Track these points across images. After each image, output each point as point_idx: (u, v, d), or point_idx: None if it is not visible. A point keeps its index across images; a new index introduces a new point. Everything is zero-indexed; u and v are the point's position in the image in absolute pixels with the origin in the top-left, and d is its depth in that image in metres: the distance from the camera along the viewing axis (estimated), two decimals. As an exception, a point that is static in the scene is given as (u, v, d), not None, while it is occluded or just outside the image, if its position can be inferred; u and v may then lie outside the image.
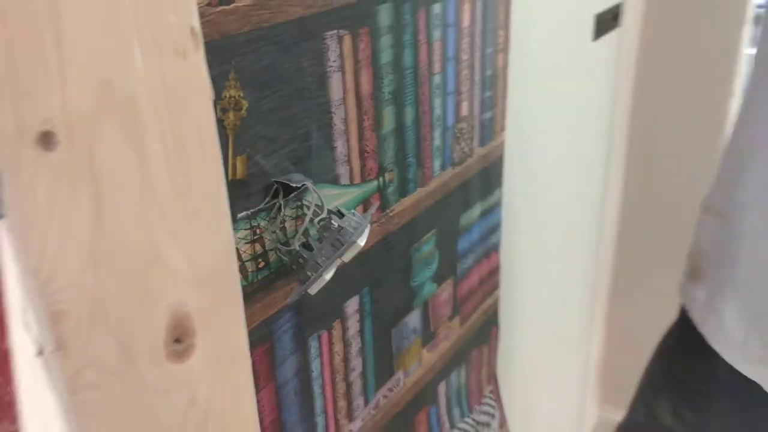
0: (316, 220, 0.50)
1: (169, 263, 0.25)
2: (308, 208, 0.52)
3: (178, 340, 0.27)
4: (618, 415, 1.08)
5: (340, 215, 0.50)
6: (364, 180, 0.58)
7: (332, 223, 0.49)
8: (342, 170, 0.56)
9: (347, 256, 0.49)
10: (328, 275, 0.50)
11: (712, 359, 0.75)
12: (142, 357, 0.25)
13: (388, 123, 0.60)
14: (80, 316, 0.23)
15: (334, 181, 0.55)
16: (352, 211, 0.53)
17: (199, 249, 0.27)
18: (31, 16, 0.19)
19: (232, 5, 0.41)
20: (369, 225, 0.50)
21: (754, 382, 0.70)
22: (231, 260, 0.28)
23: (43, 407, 0.22)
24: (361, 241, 0.48)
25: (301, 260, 0.50)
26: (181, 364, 0.27)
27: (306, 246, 0.51)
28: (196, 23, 0.24)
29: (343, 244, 0.48)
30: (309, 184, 0.52)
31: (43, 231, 0.21)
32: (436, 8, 0.62)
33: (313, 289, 0.50)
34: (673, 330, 0.85)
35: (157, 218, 0.25)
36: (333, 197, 0.55)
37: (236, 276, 0.29)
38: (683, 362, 0.84)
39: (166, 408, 0.27)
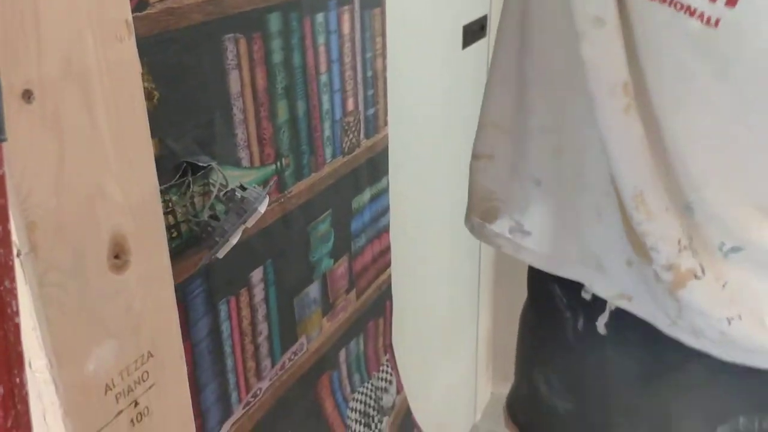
0: (222, 193, 0.59)
1: (110, 195, 0.34)
2: (214, 185, 0.61)
3: (117, 257, 0.35)
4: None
5: (243, 189, 0.59)
6: (263, 163, 0.68)
7: (236, 195, 0.58)
8: (243, 154, 0.65)
9: (250, 222, 0.58)
10: (234, 239, 0.59)
11: (559, 323, 0.86)
12: (91, 266, 0.34)
13: (283, 114, 0.69)
14: (46, 229, 0.31)
15: (236, 163, 0.64)
16: (253, 185, 0.62)
17: (132, 187, 0.36)
18: (18, 9, 0.28)
19: (144, 12, 0.50)
20: (267, 196, 0.60)
21: (602, 336, 0.81)
22: (156, 198, 0.37)
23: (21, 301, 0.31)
24: (262, 208, 0.58)
25: (210, 228, 0.59)
26: (119, 276, 0.36)
27: (213, 217, 0.60)
28: (129, 17, 0.33)
29: (246, 212, 0.57)
30: (214, 164, 0.61)
31: (23, 160, 0.29)
32: (319, 17, 0.73)
33: (221, 253, 0.59)
34: (526, 302, 0.98)
35: (101, 161, 0.34)
36: (236, 177, 0.64)
37: (160, 211, 0.38)
38: (539, 331, 0.95)
39: (108, 310, 0.35)
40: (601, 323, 0.78)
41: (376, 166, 0.91)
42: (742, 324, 0.64)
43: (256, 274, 0.70)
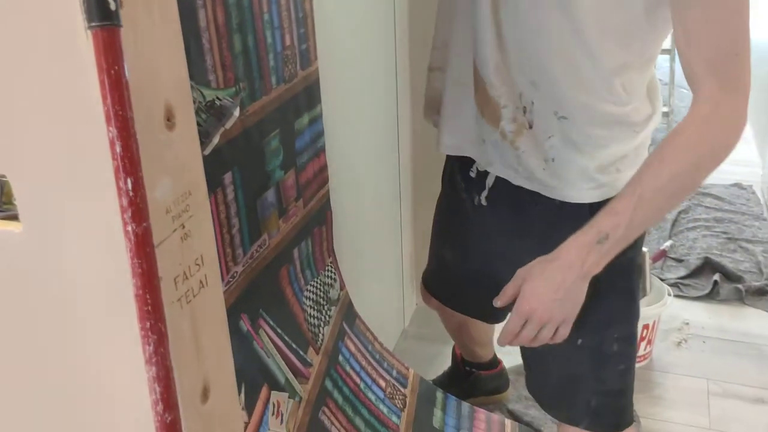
0: (203, 104, 0.75)
1: (163, 74, 0.51)
2: (194, 101, 0.77)
3: (168, 119, 0.52)
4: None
5: (219, 99, 0.75)
6: (226, 86, 0.84)
7: (215, 103, 0.74)
8: (212, 77, 0.81)
9: (228, 124, 0.74)
10: (216, 139, 0.75)
11: (460, 202, 1.11)
12: (155, 122, 0.50)
13: (238, 46, 0.85)
14: (134, 92, 0.48)
15: (208, 84, 0.80)
16: (226, 97, 0.79)
17: (174, 70, 0.52)
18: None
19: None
20: (238, 105, 0.76)
21: (484, 206, 1.07)
22: (186, 82, 0.54)
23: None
24: (236, 113, 0.74)
25: (196, 132, 0.75)
26: (171, 132, 0.52)
27: (197, 124, 0.76)
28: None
29: (224, 116, 0.74)
30: (193, 83, 0.77)
31: (124, 37, 0.46)
32: (261, -35, 0.89)
33: (207, 151, 0.75)
34: (439, 195, 1.22)
35: (157, 50, 0.50)
36: (208, 95, 0.80)
37: (190, 93, 0.55)
38: (447, 212, 1.20)
39: (165, 155, 0.52)
40: (482, 196, 1.05)
41: (310, 94, 1.08)
42: (555, 164, 0.92)
43: (227, 177, 0.87)
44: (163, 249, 0.53)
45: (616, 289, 0.92)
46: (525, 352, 1.10)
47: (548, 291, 0.88)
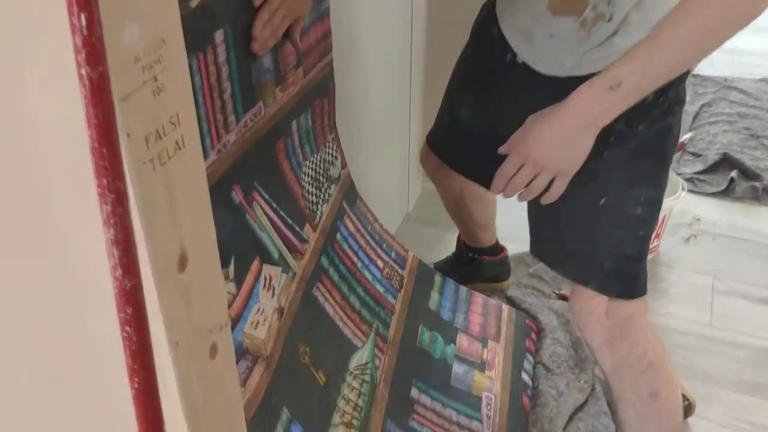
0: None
1: None
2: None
3: None
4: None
5: (206, -58, 0.67)
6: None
7: (201, -54, 0.66)
8: None
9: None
10: (203, -11, 0.68)
11: (491, 55, 1.02)
12: None
13: None
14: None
15: (195, -75, 0.71)
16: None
17: None
18: None
19: None
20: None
21: (519, 63, 0.98)
22: None
23: None
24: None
25: (179, -20, 0.67)
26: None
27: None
28: None
29: (211, -39, 0.66)
30: None
31: None
32: None
33: (194, 2, 0.68)
34: (465, 48, 1.13)
35: None
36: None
37: None
38: (472, 64, 1.11)
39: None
40: (509, 55, 0.97)
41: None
42: (619, 38, 0.87)
43: (218, 35, 0.79)
44: (132, 102, 0.47)
45: (648, 152, 0.89)
46: (534, 213, 1.06)
47: (549, 133, 0.86)
